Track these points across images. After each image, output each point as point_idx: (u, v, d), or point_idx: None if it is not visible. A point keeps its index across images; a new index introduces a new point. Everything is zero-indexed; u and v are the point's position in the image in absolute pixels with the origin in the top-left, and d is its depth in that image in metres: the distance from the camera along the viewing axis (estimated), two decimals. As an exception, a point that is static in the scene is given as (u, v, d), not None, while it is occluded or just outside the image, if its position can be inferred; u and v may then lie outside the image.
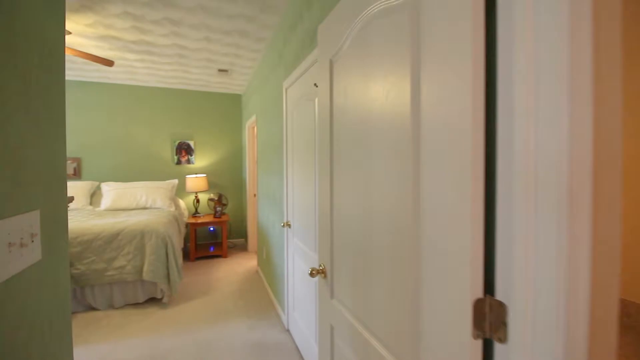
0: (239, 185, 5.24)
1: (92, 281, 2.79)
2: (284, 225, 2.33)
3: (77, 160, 4.49)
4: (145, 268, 2.86)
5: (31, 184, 0.72)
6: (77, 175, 4.48)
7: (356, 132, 0.99)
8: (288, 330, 2.50)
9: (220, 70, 3.92)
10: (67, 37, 2.76)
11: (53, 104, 0.82)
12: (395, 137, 0.79)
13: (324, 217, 1.24)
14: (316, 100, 1.76)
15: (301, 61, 2.04)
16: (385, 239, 0.84)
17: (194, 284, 3.48)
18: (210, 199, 4.79)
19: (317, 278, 1.81)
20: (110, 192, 4.01)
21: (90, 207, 3.96)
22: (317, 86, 1.59)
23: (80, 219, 3.23)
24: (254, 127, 4.60)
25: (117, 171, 4.62)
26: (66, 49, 2.72)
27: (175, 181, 4.48)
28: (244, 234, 5.23)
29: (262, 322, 2.65)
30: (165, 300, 2.97)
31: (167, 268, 2.97)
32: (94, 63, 3.67)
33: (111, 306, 2.89)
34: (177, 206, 4.28)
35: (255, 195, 4.65)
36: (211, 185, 5.00)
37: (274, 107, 2.84)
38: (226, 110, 5.14)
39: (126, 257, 2.89)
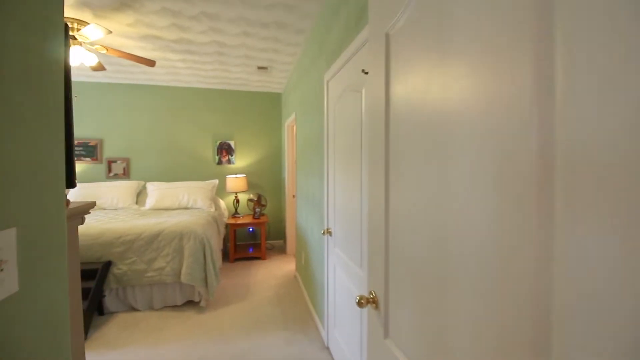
0: (278, 186, 5.14)
1: (133, 282, 2.80)
2: (324, 233, 2.10)
3: (126, 161, 4.67)
4: (184, 270, 2.81)
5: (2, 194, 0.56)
6: (126, 175, 4.66)
7: (428, 128, 0.72)
8: (327, 348, 2.28)
9: (259, 68, 3.81)
10: (109, 37, 2.79)
11: (42, 96, 0.66)
12: (503, 144, 0.51)
13: (375, 230, 0.99)
14: (363, 90, 1.51)
15: (345, 48, 1.80)
16: (477, 264, 0.57)
17: (232, 287, 3.40)
18: (250, 200, 4.73)
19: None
20: (155, 191, 4.09)
21: (136, 207, 4.07)
22: (366, 73, 1.33)
23: (125, 219, 3.29)
24: (293, 126, 4.45)
25: (161, 171, 4.73)
26: (110, 50, 2.75)
27: (216, 181, 4.48)
28: (282, 236, 5.11)
29: (300, 336, 2.46)
30: (202, 304, 2.90)
31: (205, 271, 2.90)
32: (140, 65, 3.75)
33: (151, 307, 2.89)
34: (217, 206, 4.26)
35: (294, 196, 4.50)
36: (250, 186, 4.94)
37: (314, 103, 2.63)
38: (266, 109, 5.06)
39: (165, 258, 2.87)
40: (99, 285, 2.62)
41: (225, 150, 4.92)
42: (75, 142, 4.49)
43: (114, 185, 4.18)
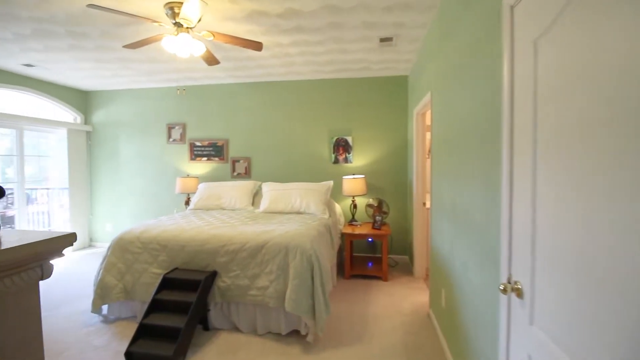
0: (403, 190, 4.21)
1: (236, 298, 2.45)
2: (504, 290, 1.14)
3: (248, 160, 4.64)
4: (288, 295, 2.28)
5: None
6: (247, 174, 4.64)
7: None
8: None
9: (382, 40, 3.00)
10: (215, 23, 2.48)
11: None
12: None
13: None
14: None
15: None
16: None
17: (346, 316, 2.73)
18: (369, 205, 3.99)
19: None
20: (268, 193, 3.83)
21: (251, 208, 3.89)
22: None
23: (233, 223, 3.03)
24: (424, 113, 3.46)
25: (277, 171, 4.51)
26: (216, 35, 2.44)
27: (330, 183, 3.92)
28: (408, 251, 4.17)
29: None
30: (309, 338, 2.31)
31: (312, 297, 2.31)
32: (256, 58, 3.49)
33: (254, 331, 2.48)
34: (331, 212, 3.69)
35: (425, 204, 3.50)
36: (370, 189, 4.20)
37: (473, 63, 1.64)
38: (388, 97, 4.21)
39: (269, 276, 2.41)
40: (202, 298, 2.36)
41: (342, 147, 4.33)
42: (206, 142, 4.73)
43: (234, 185, 4.13)
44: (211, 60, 2.86)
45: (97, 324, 2.63)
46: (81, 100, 5.05)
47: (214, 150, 4.73)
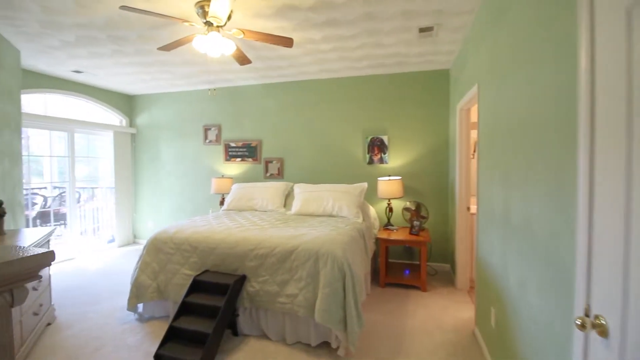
0: (443, 193, 3.91)
1: (265, 305, 2.36)
2: (582, 326, 0.90)
3: (280, 161, 4.59)
4: (318, 305, 2.15)
5: None
6: (280, 175, 4.59)
7: None
8: None
9: (421, 31, 2.76)
10: (246, 20, 2.40)
11: None
12: None
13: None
14: None
15: None
16: None
17: (380, 329, 2.54)
18: (406, 209, 3.74)
19: None
20: (300, 195, 3.73)
21: (283, 210, 3.81)
22: None
23: (263, 226, 2.96)
24: (469, 109, 3.16)
25: (310, 172, 4.41)
26: (247, 33, 2.37)
27: (364, 185, 3.72)
28: (449, 259, 3.86)
29: None
30: (340, 352, 2.16)
31: (344, 308, 2.15)
32: (288, 57, 3.41)
33: (283, 339, 2.38)
34: (366, 216, 3.50)
35: (469, 209, 3.20)
36: (407, 191, 3.94)
37: (535, 44, 1.39)
38: (427, 93, 3.93)
39: (298, 283, 2.29)
40: (231, 302, 2.29)
41: (377, 147, 4.12)
42: (240, 143, 4.75)
43: (266, 186, 4.09)
44: (243, 59, 2.81)
45: (132, 322, 2.68)
46: (126, 103, 5.31)
47: (248, 151, 4.74)
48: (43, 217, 4.86)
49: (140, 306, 2.78)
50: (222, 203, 4.46)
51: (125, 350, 2.26)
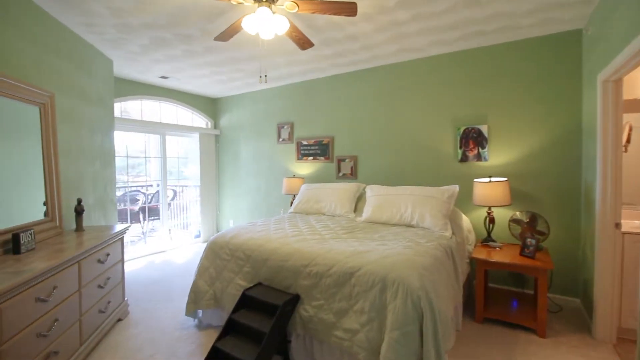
0: (572, 201, 2.84)
1: (320, 336, 1.91)
2: None
3: (354, 159, 4.11)
4: (384, 351, 1.60)
5: None
6: (353, 175, 4.12)
7: None
8: None
9: (545, -31, 1.92)
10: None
11: None
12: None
13: None
14: None
15: None
16: None
17: (474, 388, 1.83)
18: (515, 221, 2.84)
19: None
20: (372, 198, 3.18)
21: (352, 215, 3.32)
22: None
23: (323, 236, 2.51)
24: (619, 80, 2.13)
25: (386, 171, 3.81)
26: (300, 3, 1.97)
27: (455, 188, 2.95)
28: (581, 292, 2.79)
29: None
30: (414, 420, 1.57)
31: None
32: (358, 36, 2.90)
33: (340, 382, 1.90)
34: (456, 228, 2.75)
35: (619, 225, 2.18)
36: (516, 197, 3.01)
37: None
38: (547, 65, 2.91)
39: (359, 316, 1.77)
40: (280, 326, 1.93)
41: (472, 140, 3.28)
42: (312, 140, 4.44)
43: (334, 188, 3.66)
44: (302, 40, 2.43)
45: (190, 329, 2.56)
46: (211, 106, 5.57)
47: (320, 149, 4.40)
48: (144, 213, 5.45)
49: (201, 312, 2.66)
50: (292, 204, 4.22)
51: (174, 363, 2.11)
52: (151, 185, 5.86)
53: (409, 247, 2.10)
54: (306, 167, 4.54)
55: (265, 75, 3.90)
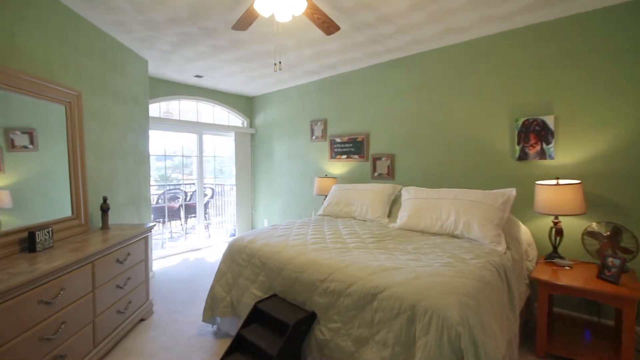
0: (676, 209, 2.20)
1: (336, 364, 1.63)
2: None
3: (391, 157, 3.74)
4: (408, 397, 1.27)
5: None
6: (390, 175, 3.74)
7: None
8: None
9: None
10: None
11: None
12: None
13: None
14: None
15: None
16: None
17: None
18: (590, 234, 2.28)
19: None
20: (409, 202, 2.79)
21: (385, 221, 2.96)
22: None
23: (348, 244, 2.20)
24: None
25: (427, 172, 3.38)
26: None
27: (511, 192, 2.45)
28: (686, 329, 2.15)
29: None
30: None
31: (458, 416, 1.20)
32: (393, 19, 2.55)
33: (360, 422, 1.59)
34: (512, 241, 2.27)
35: None
36: (592, 204, 2.43)
37: None
38: (630, 38, 2.29)
39: (381, 349, 1.45)
40: (291, 348, 1.68)
41: (534, 134, 2.74)
42: (346, 138, 4.15)
43: (367, 189, 3.32)
44: (325, 22, 2.15)
45: (207, 336, 2.43)
46: (247, 105, 5.54)
47: (354, 147, 4.09)
48: (184, 210, 5.58)
49: (219, 318, 2.53)
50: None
51: (184, 375, 1.98)
52: (193, 184, 6.02)
53: (448, 265, 1.72)
54: (340, 167, 4.26)
55: (280, 62, 3.65)
